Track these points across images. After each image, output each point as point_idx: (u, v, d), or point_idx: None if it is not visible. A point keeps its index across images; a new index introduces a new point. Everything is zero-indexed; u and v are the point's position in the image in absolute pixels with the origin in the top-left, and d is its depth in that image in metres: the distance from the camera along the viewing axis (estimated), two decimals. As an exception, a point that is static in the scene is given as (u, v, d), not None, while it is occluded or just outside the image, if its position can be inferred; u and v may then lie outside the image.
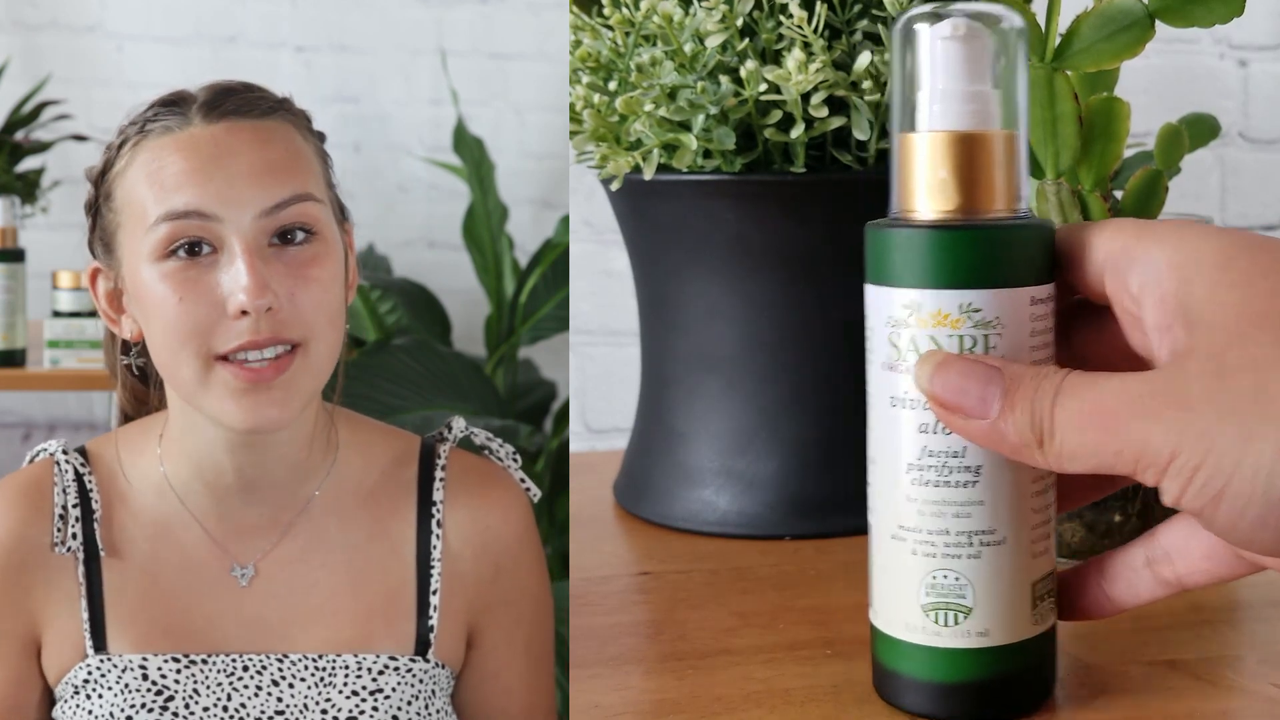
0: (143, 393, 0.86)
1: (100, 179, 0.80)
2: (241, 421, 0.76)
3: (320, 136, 0.83)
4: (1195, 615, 0.89)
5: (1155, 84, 1.67)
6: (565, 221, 2.06)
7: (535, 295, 2.06)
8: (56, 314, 1.94)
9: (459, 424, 0.87)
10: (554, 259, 2.04)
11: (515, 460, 0.87)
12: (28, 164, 2.18)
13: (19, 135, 2.17)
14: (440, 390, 1.92)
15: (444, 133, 2.23)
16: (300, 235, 0.77)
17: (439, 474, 0.85)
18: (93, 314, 1.94)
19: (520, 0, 2.33)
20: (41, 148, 2.18)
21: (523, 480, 0.87)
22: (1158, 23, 0.91)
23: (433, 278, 2.19)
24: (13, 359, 1.95)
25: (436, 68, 2.30)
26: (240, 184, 0.76)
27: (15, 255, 1.96)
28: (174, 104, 0.79)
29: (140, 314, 0.78)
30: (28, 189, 2.14)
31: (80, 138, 2.22)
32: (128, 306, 0.80)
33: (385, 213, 2.32)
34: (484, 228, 2.17)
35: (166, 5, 2.36)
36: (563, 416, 2.10)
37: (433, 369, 1.92)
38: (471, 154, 2.16)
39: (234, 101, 0.78)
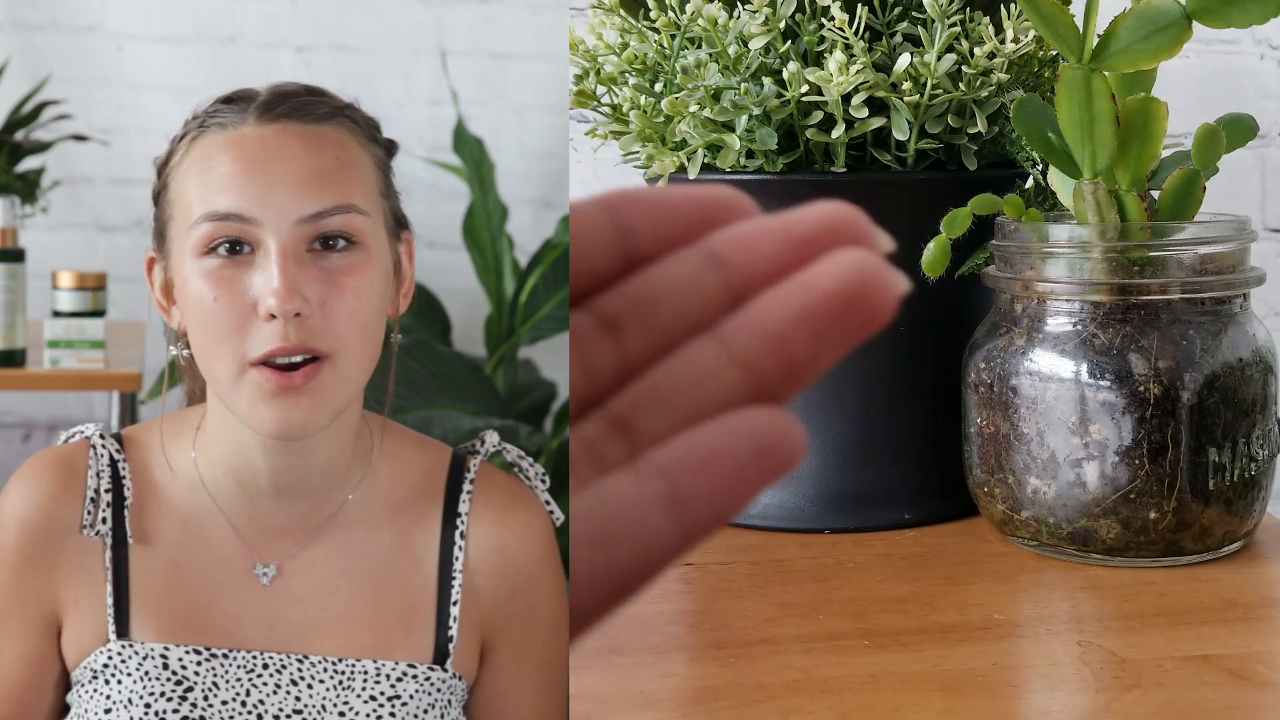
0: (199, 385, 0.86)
1: (161, 170, 0.80)
2: (270, 427, 0.76)
3: (386, 146, 0.83)
4: (1230, 611, 0.90)
5: (1194, 85, 1.68)
6: (565, 221, 2.07)
7: (535, 295, 2.06)
8: (56, 314, 1.93)
9: (492, 438, 0.87)
10: (554, 259, 2.04)
11: (544, 482, 0.87)
12: (28, 164, 2.17)
13: (19, 135, 2.16)
14: (440, 390, 1.92)
15: (444, 133, 2.22)
16: (341, 243, 0.77)
17: (467, 486, 0.84)
18: (93, 314, 1.93)
19: (520, 0, 2.33)
20: (41, 148, 2.17)
21: (548, 503, 0.87)
22: (1195, 23, 0.92)
23: (433, 278, 2.19)
24: (13, 359, 1.94)
25: (436, 68, 2.30)
26: (282, 189, 0.76)
27: (15, 255, 1.95)
28: (235, 101, 0.79)
29: (182, 308, 0.79)
30: (28, 189, 2.13)
31: (80, 138, 2.22)
32: (177, 298, 0.80)
33: (385, 213, 2.31)
34: (484, 228, 2.16)
35: (166, 5, 2.35)
36: (563, 416, 2.10)
37: (433, 369, 1.92)
38: (471, 154, 2.16)
39: (290, 104, 0.78)
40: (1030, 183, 1.09)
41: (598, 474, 0.38)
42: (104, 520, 0.81)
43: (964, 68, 1.00)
